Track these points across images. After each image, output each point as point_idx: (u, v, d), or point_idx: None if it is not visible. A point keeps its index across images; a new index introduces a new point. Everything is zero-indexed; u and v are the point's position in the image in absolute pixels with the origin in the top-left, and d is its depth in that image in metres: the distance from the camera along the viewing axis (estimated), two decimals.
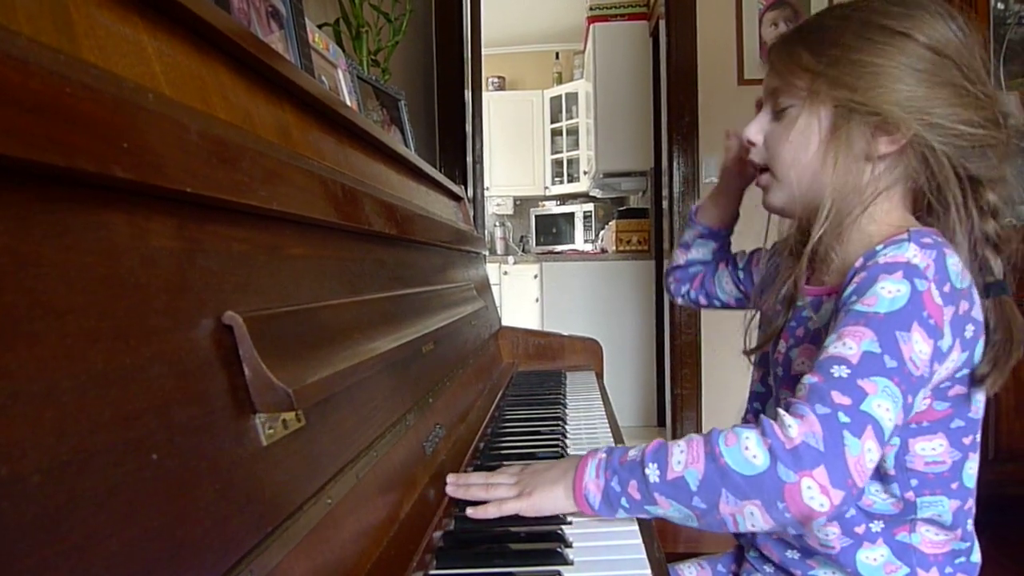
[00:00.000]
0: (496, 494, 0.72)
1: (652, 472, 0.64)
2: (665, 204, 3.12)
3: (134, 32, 0.45)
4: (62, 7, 0.39)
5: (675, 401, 3.04)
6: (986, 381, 0.69)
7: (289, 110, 0.68)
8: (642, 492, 0.64)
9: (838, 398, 0.60)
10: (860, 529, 0.71)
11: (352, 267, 0.72)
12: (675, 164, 3.00)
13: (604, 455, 0.69)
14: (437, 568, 0.63)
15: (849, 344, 0.62)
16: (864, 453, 0.58)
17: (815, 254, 0.75)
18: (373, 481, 0.62)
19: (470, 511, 0.71)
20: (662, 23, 3.15)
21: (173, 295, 0.39)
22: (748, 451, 0.60)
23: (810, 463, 0.58)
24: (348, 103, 1.22)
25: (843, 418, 0.59)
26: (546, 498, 0.70)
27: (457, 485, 0.74)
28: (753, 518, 0.60)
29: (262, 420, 0.45)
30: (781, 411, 0.62)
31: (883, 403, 0.60)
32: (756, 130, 0.79)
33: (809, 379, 0.63)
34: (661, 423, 3.68)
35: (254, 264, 0.50)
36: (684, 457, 0.63)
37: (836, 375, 0.61)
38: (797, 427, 0.59)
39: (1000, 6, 2.31)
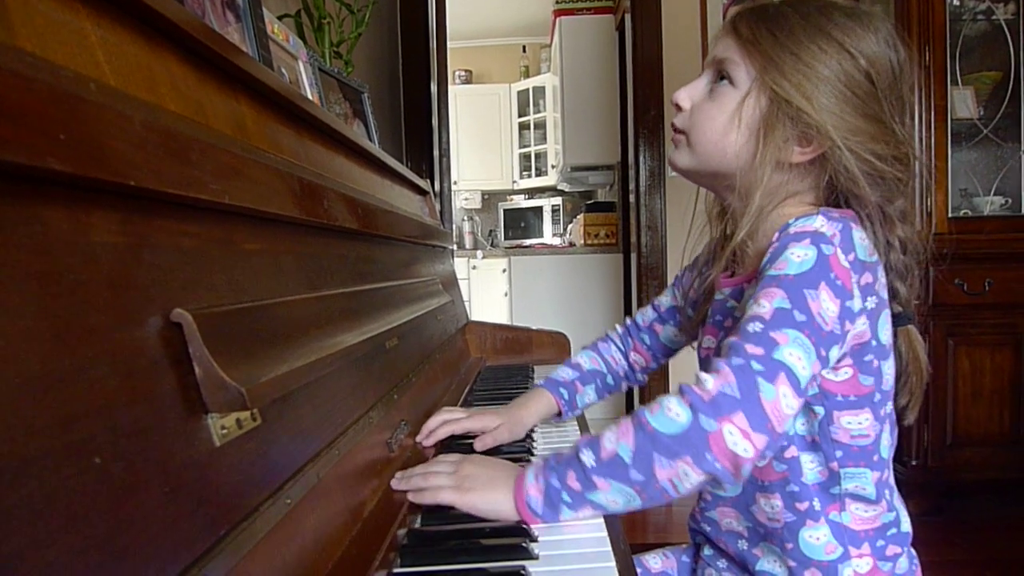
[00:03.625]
0: (434, 482, 0.72)
1: (587, 457, 0.65)
2: (632, 198, 3.13)
3: (76, 19, 0.44)
4: None
5: (643, 393, 3.06)
6: (906, 412, 0.74)
7: (245, 102, 0.66)
8: (581, 480, 0.65)
9: (751, 349, 0.62)
10: (803, 506, 0.72)
11: (312, 262, 0.70)
12: (641, 157, 3.01)
13: (541, 461, 0.70)
14: (401, 566, 0.62)
15: (763, 304, 0.64)
16: (780, 398, 0.60)
17: (734, 250, 0.77)
18: (335, 479, 0.61)
19: (411, 496, 0.72)
20: (628, 17, 3.17)
21: (117, 292, 0.38)
22: (671, 411, 0.62)
23: (728, 410, 0.59)
24: (309, 96, 1.20)
25: (756, 366, 0.61)
26: (485, 499, 0.70)
27: (399, 478, 0.74)
28: (688, 477, 0.61)
29: (214, 420, 0.44)
30: (698, 371, 0.64)
31: (794, 352, 0.61)
32: (686, 96, 0.78)
33: (730, 340, 0.65)
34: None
35: (206, 260, 0.48)
36: (614, 436, 0.65)
37: (751, 331, 0.63)
38: (713, 380, 0.61)
39: (955, 2, 2.36)
